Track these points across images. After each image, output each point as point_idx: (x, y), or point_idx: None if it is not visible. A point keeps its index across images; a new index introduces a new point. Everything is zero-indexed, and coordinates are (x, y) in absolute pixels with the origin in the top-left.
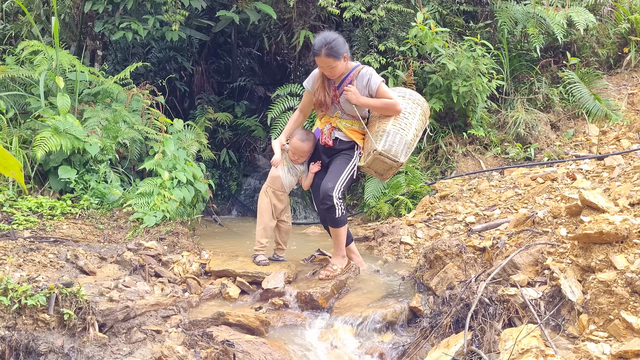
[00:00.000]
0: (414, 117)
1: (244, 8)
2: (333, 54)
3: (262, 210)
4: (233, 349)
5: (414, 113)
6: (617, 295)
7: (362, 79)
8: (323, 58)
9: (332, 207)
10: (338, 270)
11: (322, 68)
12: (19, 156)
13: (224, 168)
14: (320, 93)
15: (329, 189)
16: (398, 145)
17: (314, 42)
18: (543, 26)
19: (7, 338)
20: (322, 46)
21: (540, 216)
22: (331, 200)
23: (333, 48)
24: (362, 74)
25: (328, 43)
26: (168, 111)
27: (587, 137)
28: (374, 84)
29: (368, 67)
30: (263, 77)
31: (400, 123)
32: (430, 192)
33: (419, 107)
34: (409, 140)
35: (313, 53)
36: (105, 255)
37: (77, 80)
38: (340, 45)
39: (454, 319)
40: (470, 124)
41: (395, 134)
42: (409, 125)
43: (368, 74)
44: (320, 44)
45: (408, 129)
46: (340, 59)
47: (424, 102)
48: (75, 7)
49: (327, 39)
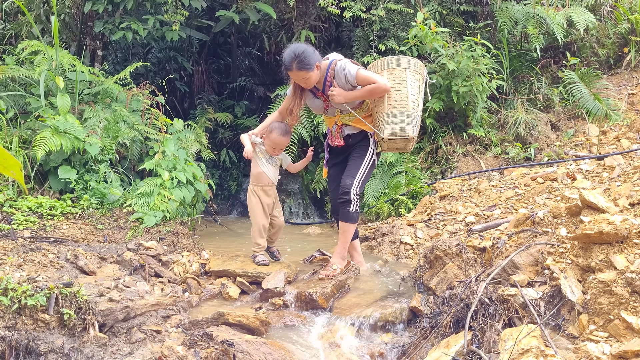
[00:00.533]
0: (405, 85)
1: (244, 8)
2: (305, 67)
3: (254, 212)
4: (233, 349)
5: (403, 81)
6: (617, 295)
7: (339, 76)
8: (295, 72)
9: (349, 202)
10: (338, 270)
11: (296, 80)
12: (19, 156)
13: (224, 168)
14: (290, 101)
15: (348, 185)
16: (402, 123)
17: (283, 57)
18: (543, 26)
19: (7, 338)
20: (293, 60)
21: (540, 216)
22: (349, 195)
23: (303, 60)
24: (337, 71)
25: (297, 56)
26: (168, 111)
27: (587, 137)
28: (350, 76)
29: (339, 61)
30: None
31: (395, 99)
32: (430, 192)
33: (406, 70)
34: (410, 112)
35: (284, 68)
36: (105, 255)
37: (77, 80)
38: (310, 55)
39: (454, 319)
40: (470, 124)
41: (394, 113)
42: (403, 96)
43: (342, 69)
44: (290, 58)
45: (404, 100)
46: (312, 69)
47: (410, 61)
48: (75, 7)
49: (296, 52)
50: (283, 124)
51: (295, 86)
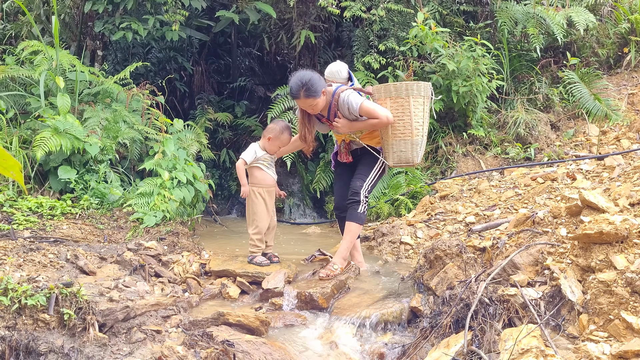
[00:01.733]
0: (409, 114)
1: (244, 8)
2: (312, 94)
3: (257, 214)
4: (233, 349)
5: (406, 109)
6: (617, 295)
7: (344, 107)
8: (303, 100)
9: (357, 202)
10: (338, 270)
11: (303, 107)
12: (19, 156)
13: (224, 168)
14: (302, 128)
15: (358, 186)
16: (406, 152)
17: (290, 85)
18: (543, 26)
19: (7, 338)
20: (300, 89)
21: (540, 216)
22: (358, 196)
23: (310, 88)
24: (341, 103)
25: (305, 84)
26: (168, 111)
27: (587, 137)
28: (354, 110)
29: (343, 93)
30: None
31: (399, 128)
32: (430, 192)
33: (409, 98)
34: (414, 139)
35: (292, 96)
36: (105, 255)
37: (77, 80)
38: (316, 83)
39: (454, 319)
40: (470, 124)
41: (398, 142)
42: (407, 125)
43: (346, 102)
44: (297, 87)
45: (408, 129)
46: (319, 96)
47: (413, 86)
48: (75, 7)
49: (303, 80)
50: (286, 123)
51: (302, 113)
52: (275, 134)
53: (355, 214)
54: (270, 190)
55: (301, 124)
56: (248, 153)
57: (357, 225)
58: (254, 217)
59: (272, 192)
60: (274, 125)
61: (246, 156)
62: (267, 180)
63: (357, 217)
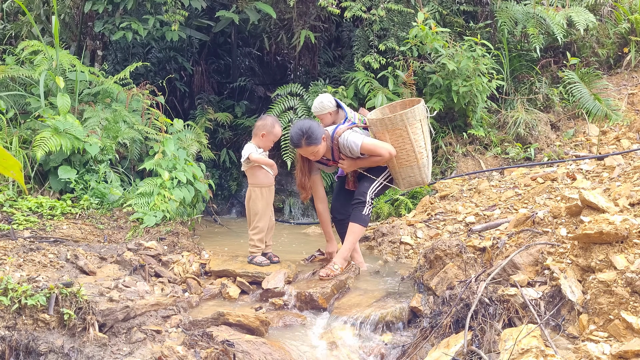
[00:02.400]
0: (410, 142)
1: (244, 8)
2: (313, 142)
3: (261, 213)
4: (233, 349)
5: (406, 139)
6: (617, 295)
7: (345, 150)
8: (304, 148)
9: (363, 203)
10: (338, 269)
11: (305, 155)
12: (19, 156)
13: (224, 168)
14: (300, 176)
15: (366, 187)
16: (414, 176)
17: (291, 135)
18: (543, 26)
19: (7, 338)
20: (301, 138)
21: (540, 216)
22: (365, 196)
23: (311, 136)
24: (342, 146)
25: (305, 133)
26: (168, 111)
27: (587, 137)
28: (355, 152)
29: (341, 136)
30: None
31: (403, 156)
32: (430, 192)
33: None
34: (421, 163)
35: (293, 145)
36: (105, 255)
37: (77, 80)
38: (316, 130)
39: (454, 319)
40: (470, 124)
41: (405, 169)
42: (410, 152)
43: (347, 146)
44: (297, 136)
45: (411, 156)
46: (320, 143)
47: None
48: (75, 7)
49: (303, 129)
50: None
51: (301, 161)
52: (267, 129)
53: (359, 216)
54: (271, 189)
55: (300, 172)
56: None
57: (360, 227)
58: (255, 217)
59: (272, 191)
60: (263, 121)
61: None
62: (268, 179)
63: (361, 219)
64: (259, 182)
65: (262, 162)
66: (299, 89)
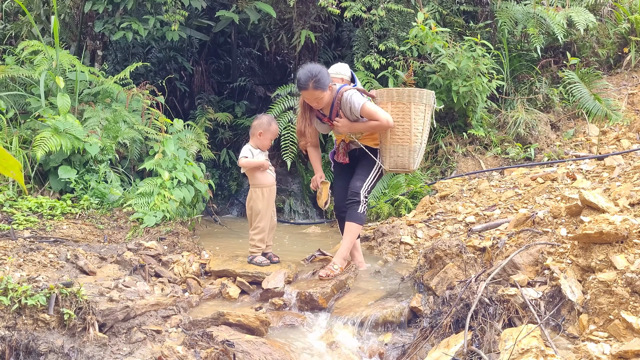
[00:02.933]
0: (409, 119)
1: (244, 8)
2: (320, 86)
3: (263, 213)
4: (233, 349)
5: (407, 115)
6: (617, 295)
7: (346, 107)
8: (311, 91)
9: (357, 203)
10: (338, 269)
11: (308, 100)
12: (19, 156)
13: (224, 168)
14: (301, 122)
15: (358, 187)
16: (403, 157)
17: (299, 76)
18: (543, 26)
19: (7, 338)
20: (309, 80)
21: (540, 216)
22: (358, 196)
23: (319, 81)
24: (344, 102)
25: (314, 76)
26: (168, 111)
27: (587, 137)
28: (356, 109)
29: (347, 92)
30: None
31: (397, 133)
32: (430, 192)
33: (411, 104)
34: (412, 146)
35: (299, 87)
36: (105, 255)
37: (77, 80)
38: (325, 77)
39: (454, 319)
40: (470, 124)
41: (396, 147)
42: (406, 131)
43: (349, 101)
44: (306, 78)
45: (406, 135)
46: (326, 90)
47: (416, 93)
48: (75, 7)
49: (313, 72)
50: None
51: (303, 108)
52: (264, 128)
53: (355, 214)
54: (272, 189)
55: (301, 118)
56: (245, 152)
57: (357, 226)
58: (256, 217)
59: (273, 191)
60: (259, 120)
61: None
62: (268, 179)
63: (357, 217)
64: (259, 183)
65: (250, 165)
66: None
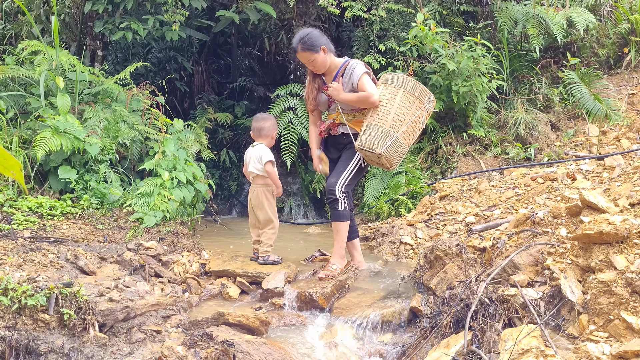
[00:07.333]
0: (393, 103)
1: (244, 8)
2: (309, 47)
3: (270, 214)
4: (233, 349)
5: (392, 98)
6: (617, 296)
7: (347, 73)
8: (300, 53)
9: (336, 201)
10: (337, 270)
11: (304, 63)
12: (19, 156)
13: (224, 168)
14: (307, 88)
15: (332, 184)
16: (373, 137)
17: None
18: (543, 26)
19: (7, 338)
20: (298, 42)
21: (540, 216)
22: (334, 194)
23: (307, 42)
24: (348, 68)
25: (302, 38)
26: (168, 111)
27: (587, 137)
28: (355, 76)
29: (355, 61)
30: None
31: (377, 113)
32: (430, 192)
33: (400, 90)
34: (386, 129)
35: (293, 50)
36: (105, 255)
37: (77, 80)
38: (315, 37)
39: (454, 319)
40: (470, 124)
41: (371, 125)
42: (386, 113)
43: (352, 67)
44: (296, 40)
45: (385, 116)
46: (317, 52)
47: (409, 83)
48: (75, 7)
49: (302, 35)
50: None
51: (310, 76)
52: (274, 128)
53: (337, 213)
54: (273, 189)
55: (308, 85)
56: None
57: (342, 223)
58: (269, 218)
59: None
60: (267, 121)
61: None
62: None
63: (339, 216)
64: (267, 183)
65: (276, 182)
66: (299, 89)
